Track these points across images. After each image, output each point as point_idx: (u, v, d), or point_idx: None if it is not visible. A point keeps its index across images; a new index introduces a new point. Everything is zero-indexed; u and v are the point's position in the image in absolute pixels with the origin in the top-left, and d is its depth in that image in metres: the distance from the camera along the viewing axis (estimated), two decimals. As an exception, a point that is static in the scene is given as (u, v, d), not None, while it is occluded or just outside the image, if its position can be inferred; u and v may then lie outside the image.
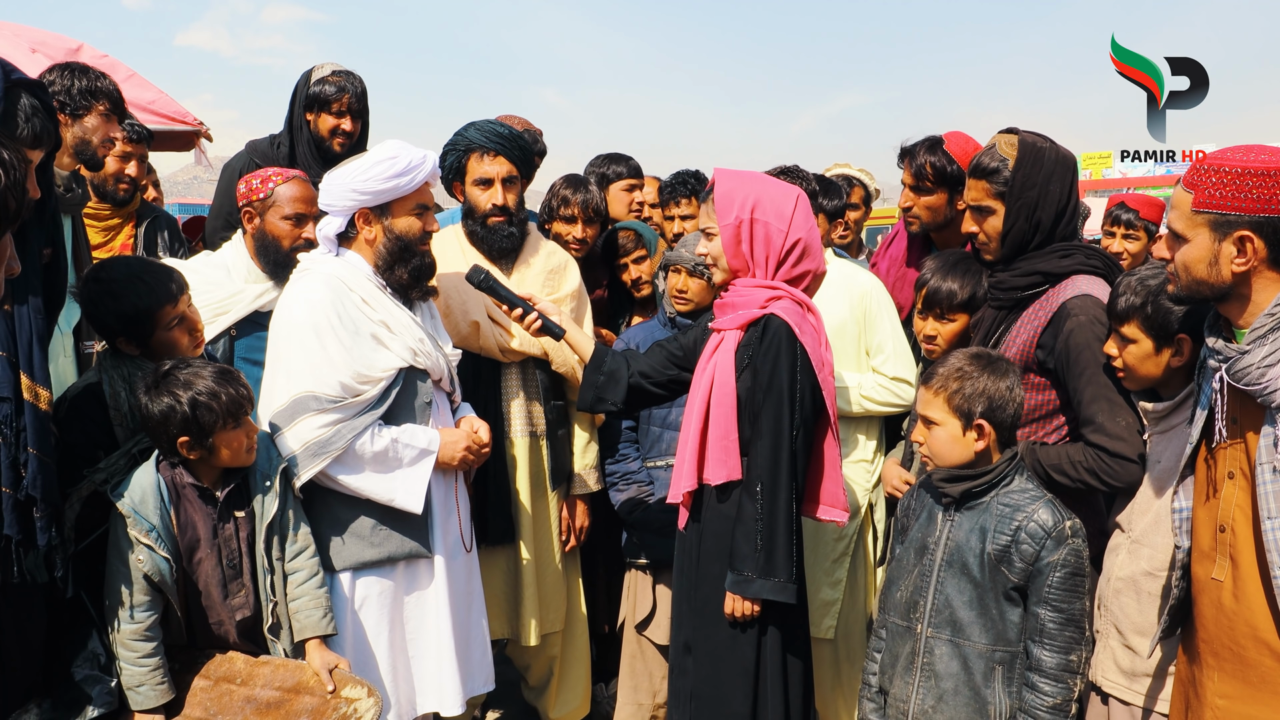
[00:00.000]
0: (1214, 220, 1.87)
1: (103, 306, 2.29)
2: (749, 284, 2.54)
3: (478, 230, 3.10)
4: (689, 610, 2.62)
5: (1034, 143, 2.53)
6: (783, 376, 2.45)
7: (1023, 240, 2.55)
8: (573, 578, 3.38)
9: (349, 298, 2.54)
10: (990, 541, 2.21)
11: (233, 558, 2.29)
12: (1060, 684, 2.14)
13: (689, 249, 3.16)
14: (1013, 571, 2.18)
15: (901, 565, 2.40)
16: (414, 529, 2.58)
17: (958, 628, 2.24)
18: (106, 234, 3.36)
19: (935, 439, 2.28)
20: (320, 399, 2.43)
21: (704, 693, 2.56)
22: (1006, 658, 2.21)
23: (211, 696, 2.25)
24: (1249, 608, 1.92)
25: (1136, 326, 2.24)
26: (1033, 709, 2.15)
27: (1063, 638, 2.15)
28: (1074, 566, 2.16)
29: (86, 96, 2.85)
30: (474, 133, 3.05)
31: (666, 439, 3.28)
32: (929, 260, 2.83)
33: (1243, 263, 1.86)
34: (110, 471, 2.23)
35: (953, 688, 2.23)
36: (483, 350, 3.08)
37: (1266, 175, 1.81)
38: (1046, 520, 2.16)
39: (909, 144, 3.23)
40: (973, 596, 2.23)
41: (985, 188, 2.58)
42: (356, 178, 2.52)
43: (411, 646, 2.63)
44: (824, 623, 3.16)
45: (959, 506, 2.28)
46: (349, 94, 3.42)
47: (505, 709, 3.95)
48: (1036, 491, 2.24)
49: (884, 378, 3.14)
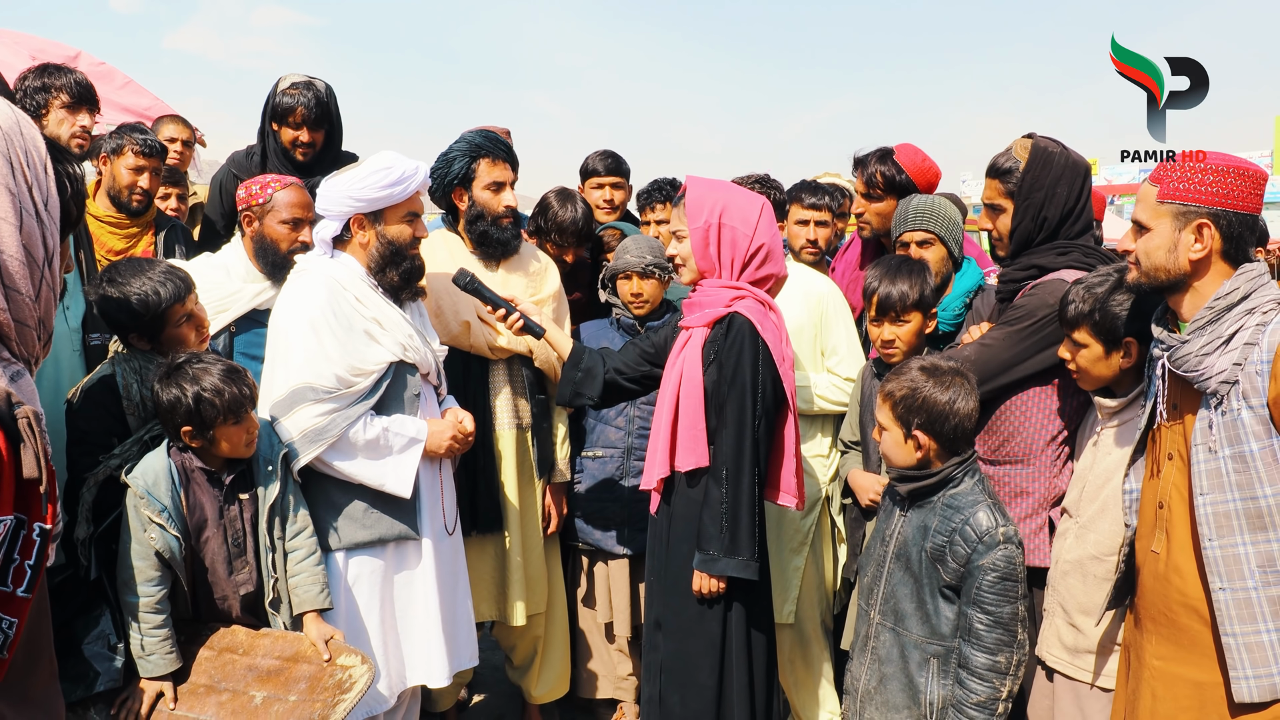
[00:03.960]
0: (1176, 210, 2.02)
1: (116, 304, 2.42)
2: (715, 284, 2.68)
3: (490, 230, 3.21)
4: (659, 589, 2.75)
5: (1045, 147, 2.64)
6: (745, 370, 2.58)
7: (1028, 237, 2.65)
8: (552, 562, 3.50)
9: (343, 296, 2.67)
10: (930, 539, 2.28)
11: (237, 537, 2.43)
12: (987, 683, 2.19)
13: (632, 255, 3.33)
14: (946, 570, 2.25)
15: (868, 553, 2.52)
16: (403, 512, 2.71)
17: (899, 618, 2.34)
18: (128, 240, 3.49)
19: (884, 442, 2.40)
20: (317, 390, 2.57)
21: (673, 665, 2.67)
22: (940, 651, 2.28)
23: (215, 666, 2.37)
24: (1181, 577, 2.07)
25: (1086, 332, 2.34)
26: (961, 705, 2.22)
27: (990, 639, 2.19)
28: (1004, 571, 2.19)
29: (42, 92, 2.91)
30: (480, 139, 3.19)
31: (599, 430, 3.45)
32: (870, 269, 2.92)
33: (1200, 250, 2.00)
34: (124, 457, 2.37)
35: (891, 672, 2.34)
36: (472, 348, 3.20)
37: (1224, 171, 1.98)
38: (981, 524, 2.21)
39: (861, 154, 3.41)
40: (912, 590, 2.32)
41: (998, 187, 2.70)
42: (353, 185, 2.65)
43: (400, 622, 2.75)
44: (784, 608, 3.27)
45: (910, 504, 2.38)
46: (303, 107, 3.44)
47: (489, 691, 4.08)
48: (979, 496, 2.28)
49: (838, 378, 3.27)
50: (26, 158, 1.19)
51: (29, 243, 1.19)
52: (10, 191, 1.16)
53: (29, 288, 1.20)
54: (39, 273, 1.21)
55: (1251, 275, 1.99)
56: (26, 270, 1.19)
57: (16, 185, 1.17)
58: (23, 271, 1.18)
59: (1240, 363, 1.94)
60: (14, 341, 1.21)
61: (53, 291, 1.24)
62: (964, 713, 2.21)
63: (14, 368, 1.19)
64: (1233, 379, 1.95)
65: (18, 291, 1.19)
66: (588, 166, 4.25)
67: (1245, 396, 1.93)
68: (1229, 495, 1.96)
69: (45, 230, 1.21)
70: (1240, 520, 1.95)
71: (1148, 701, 2.14)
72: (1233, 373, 1.95)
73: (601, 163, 4.22)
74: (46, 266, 1.22)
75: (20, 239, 1.18)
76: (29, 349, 1.23)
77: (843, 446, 3.18)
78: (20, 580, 1.10)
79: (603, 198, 4.18)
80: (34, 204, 1.19)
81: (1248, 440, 1.93)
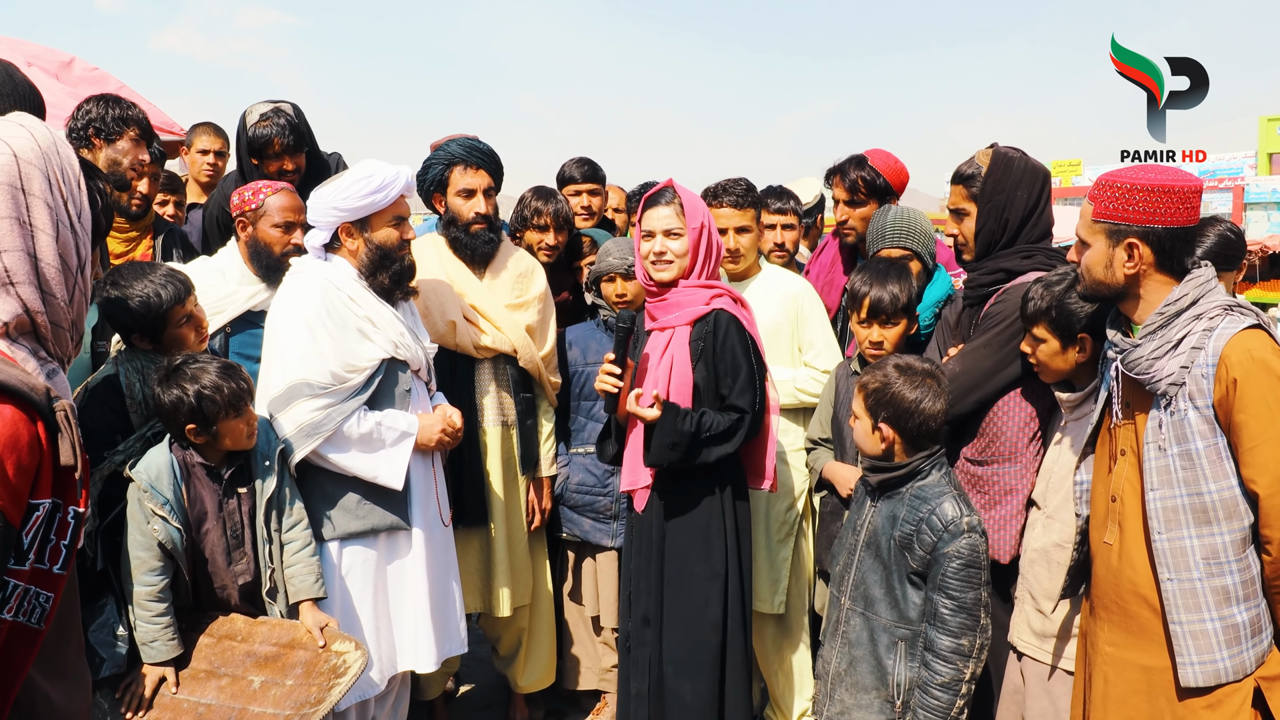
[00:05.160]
0: (1108, 229, 2.12)
1: (119, 306, 2.50)
2: (691, 285, 2.80)
3: (461, 237, 3.29)
4: (647, 586, 2.82)
5: (1006, 153, 2.75)
6: (742, 361, 2.72)
7: (992, 239, 2.75)
8: (538, 555, 3.58)
9: (337, 296, 2.76)
10: (898, 528, 2.37)
11: (236, 529, 2.52)
12: (950, 665, 2.27)
13: (615, 257, 3.43)
14: (913, 558, 2.33)
15: (841, 542, 2.62)
16: (395, 504, 2.80)
17: (869, 603, 2.43)
18: (128, 244, 3.56)
19: (856, 429, 2.51)
20: (312, 386, 2.66)
21: (679, 656, 2.76)
22: (908, 635, 2.36)
23: (215, 652, 2.46)
24: (1132, 567, 2.17)
25: (1045, 328, 2.45)
26: (926, 685, 2.30)
27: (954, 623, 2.27)
28: (968, 559, 2.27)
29: (119, 124, 3.06)
30: (456, 148, 3.26)
31: (590, 429, 3.55)
32: (858, 273, 3.01)
33: (1132, 266, 2.10)
34: (128, 453, 2.46)
35: (861, 655, 2.43)
36: (458, 347, 3.28)
37: (1151, 191, 2.05)
38: (947, 514, 2.30)
39: (838, 164, 3.53)
40: (881, 576, 2.41)
41: (962, 192, 2.81)
42: (336, 196, 2.74)
43: (392, 610, 2.84)
44: (775, 599, 3.36)
45: (880, 494, 2.47)
46: (279, 136, 3.39)
47: (477, 682, 4.17)
48: (945, 487, 2.37)
49: (815, 371, 3.36)
50: (63, 174, 1.31)
51: (64, 252, 1.31)
52: (49, 206, 1.28)
53: (64, 293, 1.32)
54: (73, 279, 1.32)
55: (1199, 281, 2.08)
56: (62, 277, 1.31)
57: (54, 200, 1.29)
58: (59, 278, 1.30)
59: (1187, 366, 2.03)
60: (50, 342, 1.33)
61: (84, 296, 1.36)
62: (929, 693, 2.29)
63: (50, 366, 1.31)
64: (1180, 381, 2.04)
65: (54, 296, 1.31)
66: (564, 174, 4.33)
67: (1192, 398, 2.03)
68: (1177, 491, 2.06)
69: (79, 240, 1.33)
70: (1187, 515, 2.05)
71: (1100, 686, 2.23)
72: (1180, 375, 2.04)
73: (578, 170, 4.30)
74: (79, 274, 1.34)
75: (57, 249, 1.30)
76: (63, 349, 1.35)
77: (809, 444, 3.27)
78: (56, 558, 1.22)
79: (580, 204, 4.25)
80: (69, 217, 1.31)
81: (1194, 439, 2.03)
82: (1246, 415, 1.96)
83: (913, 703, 2.34)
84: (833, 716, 2.49)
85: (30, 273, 1.28)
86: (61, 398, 1.21)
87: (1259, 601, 2.06)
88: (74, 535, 1.23)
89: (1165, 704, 2.12)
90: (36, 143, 1.30)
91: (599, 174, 4.36)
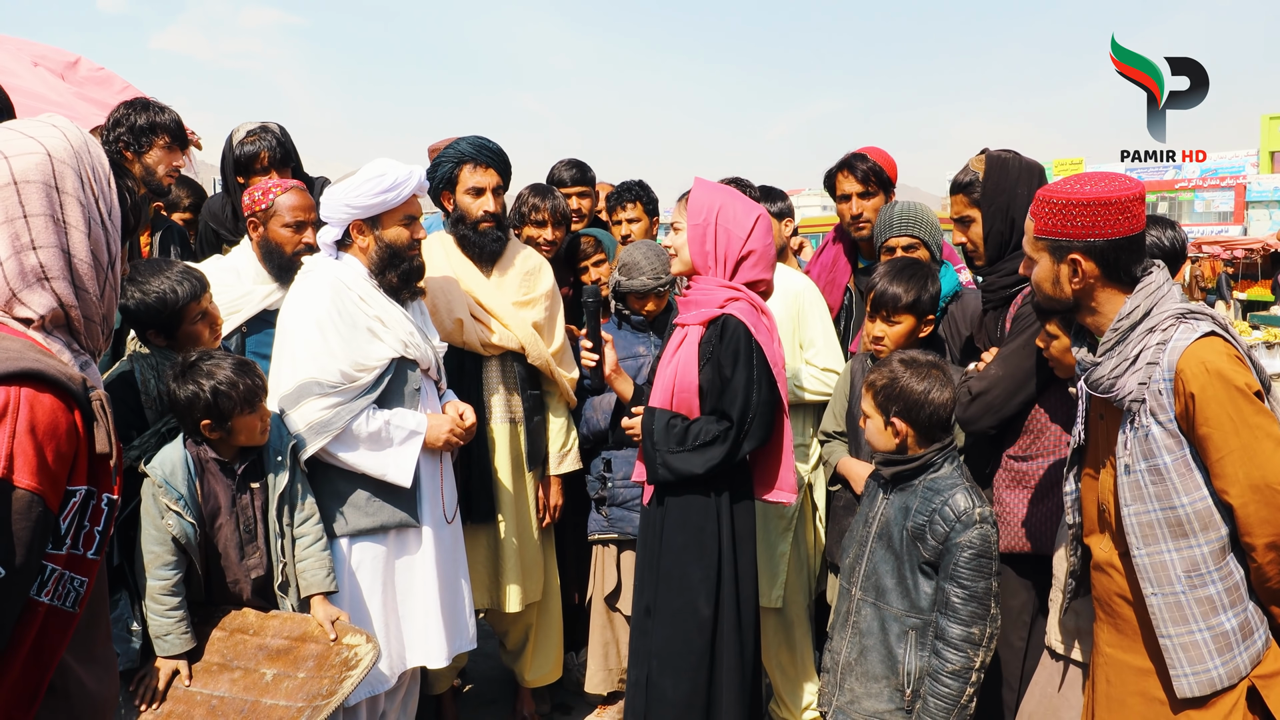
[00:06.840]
0: (1050, 245, 2.08)
1: (137, 302, 2.52)
2: (710, 282, 2.77)
3: (469, 235, 3.31)
4: (650, 578, 2.84)
5: (999, 155, 2.75)
6: (740, 369, 2.68)
7: (1002, 240, 2.74)
8: (548, 552, 3.60)
9: (347, 295, 2.78)
10: (911, 519, 2.39)
11: (249, 524, 2.55)
12: (961, 653, 2.30)
13: (648, 277, 3.42)
14: (925, 548, 2.36)
15: (852, 535, 2.64)
16: (404, 501, 2.82)
17: (881, 593, 2.45)
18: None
19: (868, 428, 2.53)
20: (322, 384, 2.68)
21: (665, 650, 2.76)
22: (919, 624, 2.39)
23: (228, 645, 2.48)
24: (1118, 571, 2.17)
25: (1056, 324, 2.41)
26: (937, 672, 2.34)
27: (965, 611, 2.30)
28: (980, 549, 2.31)
29: (148, 133, 3.09)
30: (466, 146, 3.29)
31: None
32: (880, 266, 3.01)
33: (1078, 282, 2.07)
34: (143, 448, 2.48)
35: (872, 644, 2.46)
36: (465, 345, 3.30)
37: (1088, 205, 2.01)
38: (960, 505, 2.33)
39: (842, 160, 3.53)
40: (894, 567, 2.43)
41: (963, 200, 2.81)
42: (348, 194, 2.76)
43: (401, 606, 2.86)
44: (773, 593, 3.38)
45: (892, 487, 2.50)
46: (266, 150, 3.38)
47: (484, 676, 4.19)
48: (957, 480, 2.40)
49: (816, 368, 3.38)
50: (94, 173, 1.34)
51: (96, 248, 1.34)
52: (81, 203, 1.32)
53: (95, 288, 1.35)
54: (104, 275, 1.36)
55: (1150, 290, 2.05)
56: (94, 273, 1.34)
57: (86, 198, 1.32)
58: (90, 274, 1.34)
59: (1145, 382, 2.01)
60: (82, 335, 1.36)
61: (115, 291, 1.40)
62: (940, 681, 2.32)
63: (82, 358, 1.34)
64: (1140, 397, 2.02)
65: (86, 291, 1.34)
66: (554, 176, 4.34)
67: (1154, 413, 2.00)
68: (1149, 506, 2.03)
69: (109, 237, 1.37)
70: (1163, 529, 2.02)
71: (1103, 686, 2.24)
72: (1140, 391, 2.02)
73: (568, 172, 4.32)
74: (110, 269, 1.37)
75: (89, 245, 1.33)
76: (94, 342, 1.38)
77: (823, 436, 3.28)
78: (90, 544, 1.25)
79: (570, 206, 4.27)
80: (100, 214, 1.35)
81: (1160, 454, 2.00)
82: (1209, 428, 1.94)
83: (923, 690, 2.37)
84: (842, 706, 2.52)
85: (64, 268, 1.32)
86: (97, 388, 1.25)
87: (1246, 605, 2.04)
88: (107, 522, 1.26)
89: (1160, 706, 2.12)
90: (69, 142, 1.33)
91: (588, 176, 4.38)
